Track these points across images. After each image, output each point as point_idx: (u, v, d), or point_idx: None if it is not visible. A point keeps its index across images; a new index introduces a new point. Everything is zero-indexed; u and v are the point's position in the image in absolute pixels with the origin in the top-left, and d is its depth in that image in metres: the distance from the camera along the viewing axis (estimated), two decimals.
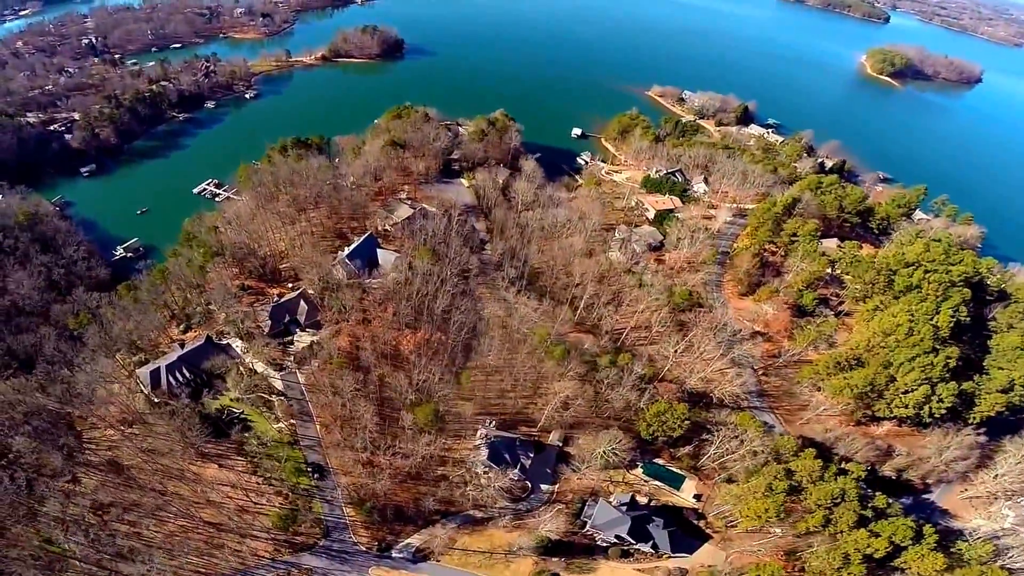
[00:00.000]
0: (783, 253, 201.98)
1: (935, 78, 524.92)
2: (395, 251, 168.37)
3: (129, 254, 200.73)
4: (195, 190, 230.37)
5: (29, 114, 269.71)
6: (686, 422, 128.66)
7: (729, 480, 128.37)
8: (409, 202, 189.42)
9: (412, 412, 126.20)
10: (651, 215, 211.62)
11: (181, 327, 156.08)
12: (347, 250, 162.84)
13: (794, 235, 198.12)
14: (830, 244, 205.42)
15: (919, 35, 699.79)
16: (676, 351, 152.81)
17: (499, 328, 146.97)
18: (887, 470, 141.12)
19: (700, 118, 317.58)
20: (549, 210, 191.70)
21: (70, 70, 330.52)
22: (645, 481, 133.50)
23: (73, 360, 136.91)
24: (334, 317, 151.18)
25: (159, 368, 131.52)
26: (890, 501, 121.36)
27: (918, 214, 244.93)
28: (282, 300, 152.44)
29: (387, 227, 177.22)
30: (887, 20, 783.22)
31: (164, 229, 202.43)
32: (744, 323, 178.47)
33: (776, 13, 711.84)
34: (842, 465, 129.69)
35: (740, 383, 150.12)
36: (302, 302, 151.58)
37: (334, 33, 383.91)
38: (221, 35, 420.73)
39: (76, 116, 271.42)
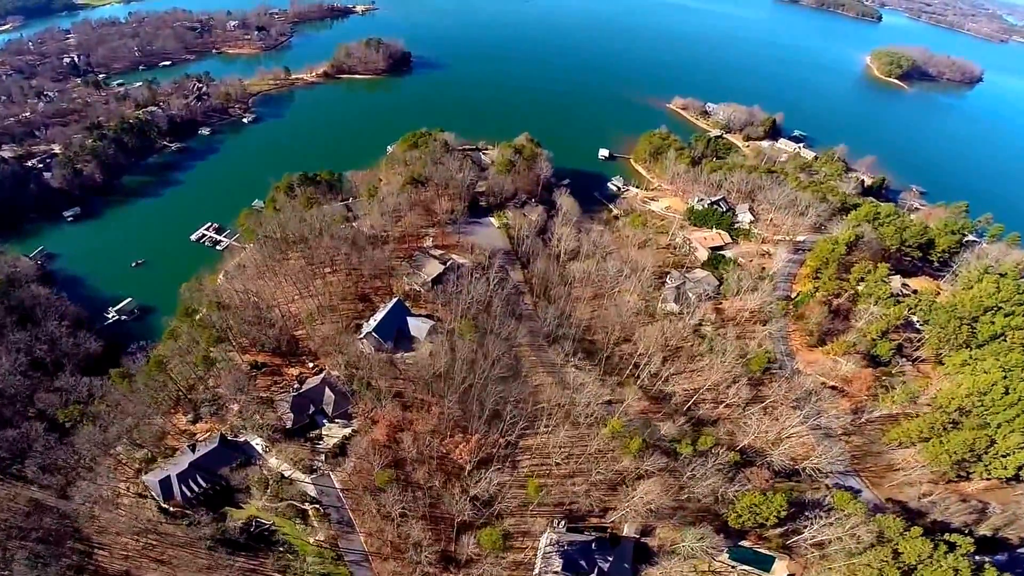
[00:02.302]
0: (851, 296, 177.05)
1: (939, 78, 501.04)
2: (427, 317, 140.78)
3: (123, 316, 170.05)
4: (193, 236, 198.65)
5: (2, 149, 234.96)
6: (783, 511, 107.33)
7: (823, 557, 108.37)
8: (438, 253, 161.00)
9: (476, 535, 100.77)
10: (701, 254, 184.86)
11: (189, 416, 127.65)
12: (373, 322, 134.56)
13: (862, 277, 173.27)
14: (892, 280, 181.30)
15: (911, 33, 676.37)
16: (759, 427, 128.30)
17: (563, 418, 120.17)
18: (983, 530, 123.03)
19: (727, 132, 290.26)
20: (595, 259, 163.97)
21: (49, 94, 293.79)
22: (732, 567, 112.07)
23: (67, 466, 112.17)
24: (366, 406, 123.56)
25: (169, 477, 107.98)
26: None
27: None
28: (303, 389, 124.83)
29: (416, 286, 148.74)
30: (879, 19, 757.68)
31: (161, 284, 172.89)
32: (818, 378, 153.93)
33: (772, 14, 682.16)
34: (946, 536, 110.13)
35: (829, 456, 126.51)
36: (327, 390, 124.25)
37: (335, 47, 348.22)
38: (214, 50, 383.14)
39: (56, 149, 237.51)
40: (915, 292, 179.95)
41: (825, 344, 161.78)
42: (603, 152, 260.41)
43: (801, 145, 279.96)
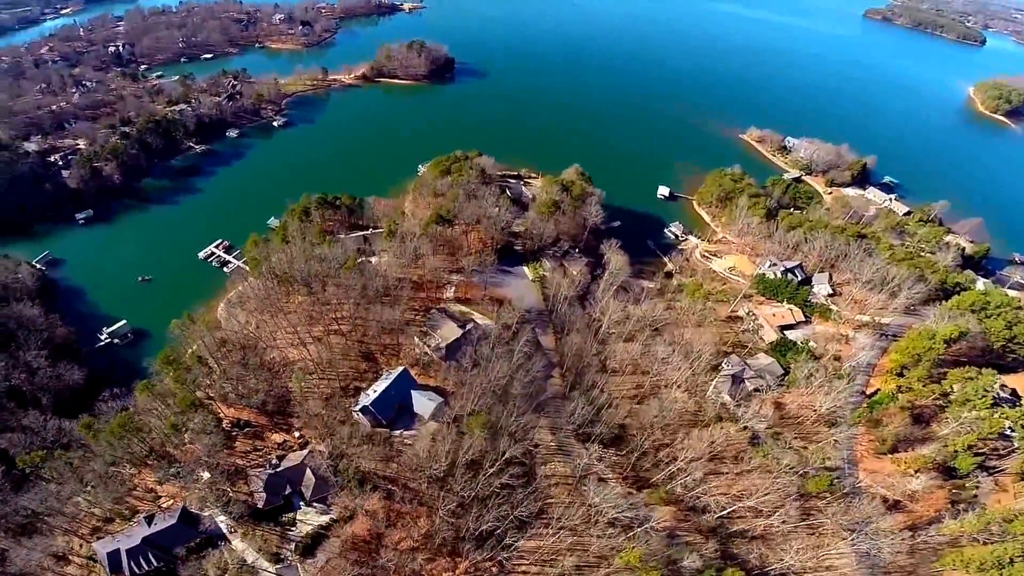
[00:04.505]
0: (939, 396, 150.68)
1: None
2: (436, 391, 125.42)
3: (116, 340, 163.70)
4: (201, 254, 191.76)
5: (30, 141, 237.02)
6: None
7: None
8: (458, 310, 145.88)
9: None
10: (768, 334, 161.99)
11: (159, 475, 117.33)
12: (372, 393, 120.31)
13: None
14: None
15: (1021, 60, 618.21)
16: (799, 551, 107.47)
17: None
18: None
19: (807, 173, 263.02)
20: (643, 337, 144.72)
21: (88, 83, 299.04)
22: None
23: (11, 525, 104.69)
24: (349, 497, 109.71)
25: (119, 551, 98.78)
26: None
27: None
28: (282, 468, 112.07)
29: (428, 349, 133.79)
30: (983, 43, 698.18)
31: (161, 305, 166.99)
32: (879, 492, 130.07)
33: (863, 33, 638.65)
34: None
35: None
36: (308, 471, 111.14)
37: (377, 48, 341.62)
38: (257, 44, 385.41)
39: (81, 144, 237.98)
40: (1017, 397, 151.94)
41: (897, 452, 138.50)
42: (663, 190, 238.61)
43: (893, 197, 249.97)
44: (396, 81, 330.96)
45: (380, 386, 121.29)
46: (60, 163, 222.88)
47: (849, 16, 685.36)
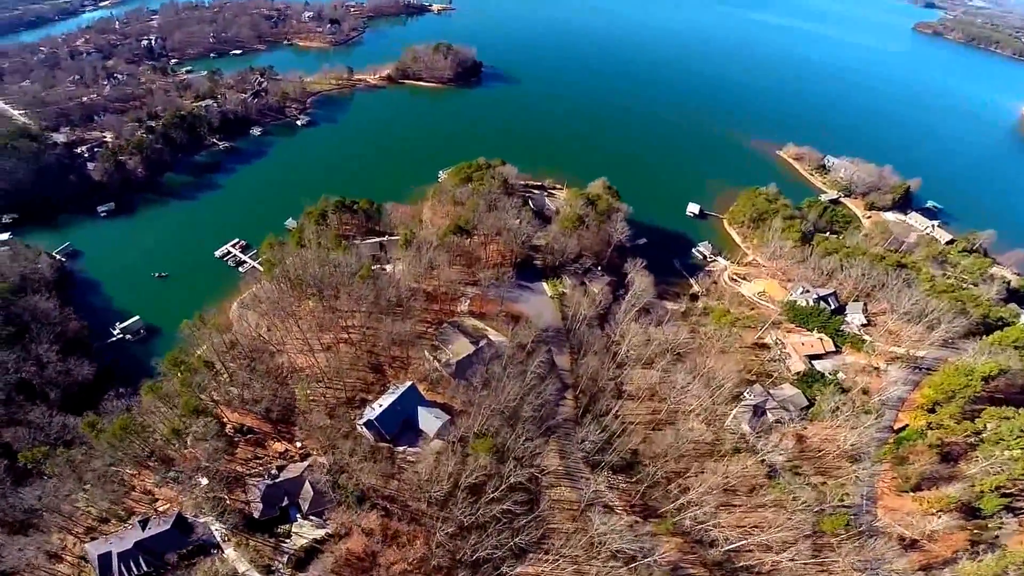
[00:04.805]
0: (969, 436, 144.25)
1: None
2: (443, 409, 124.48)
3: (128, 336, 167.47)
4: (218, 252, 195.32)
5: (59, 132, 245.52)
6: None
7: None
8: (471, 325, 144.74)
9: None
10: (795, 364, 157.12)
11: (157, 477, 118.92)
12: (377, 408, 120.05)
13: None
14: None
15: None
16: None
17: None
18: None
19: (846, 195, 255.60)
20: (663, 363, 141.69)
21: (119, 76, 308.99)
22: None
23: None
24: (347, 512, 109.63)
25: (110, 553, 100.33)
26: None
27: None
28: (280, 479, 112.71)
29: (438, 365, 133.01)
30: None
31: (175, 303, 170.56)
32: (896, 530, 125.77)
33: (913, 47, 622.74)
34: None
35: None
36: (307, 484, 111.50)
37: (404, 49, 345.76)
38: (285, 41, 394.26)
39: (108, 137, 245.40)
40: None
41: (920, 490, 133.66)
42: (692, 208, 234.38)
43: (936, 223, 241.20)
44: (421, 83, 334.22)
45: (386, 400, 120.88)
46: (86, 155, 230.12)
47: (898, 30, 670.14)
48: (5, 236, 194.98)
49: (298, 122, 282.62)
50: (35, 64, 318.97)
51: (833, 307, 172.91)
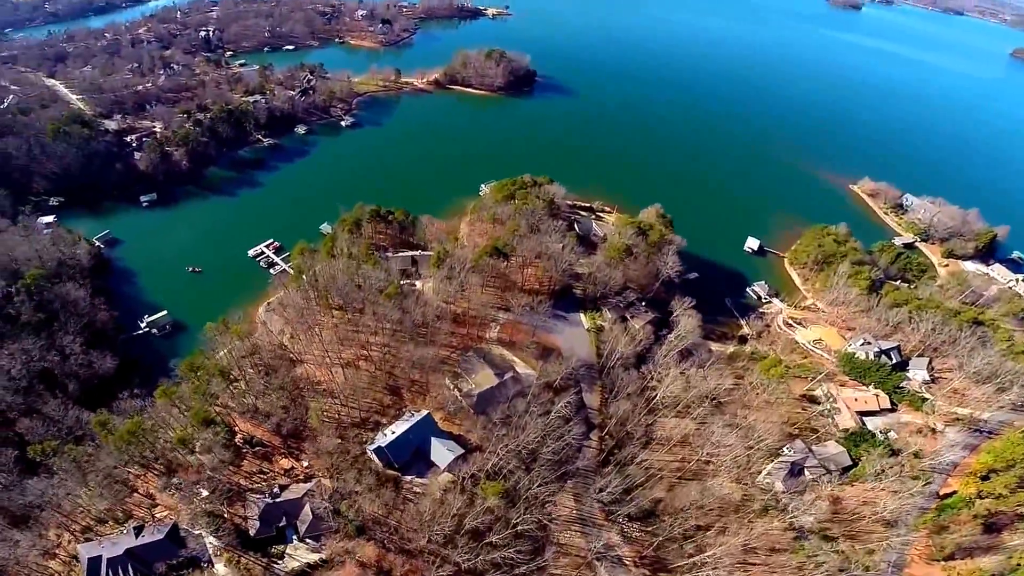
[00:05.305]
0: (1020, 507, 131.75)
1: None
2: (457, 442, 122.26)
3: (154, 330, 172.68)
4: (251, 252, 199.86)
5: (111, 119, 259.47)
6: None
7: None
8: (498, 353, 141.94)
9: None
10: (844, 419, 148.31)
11: (160, 482, 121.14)
12: (389, 434, 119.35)
13: None
14: None
15: None
16: None
17: None
18: None
19: (922, 239, 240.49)
20: (700, 413, 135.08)
21: (175, 66, 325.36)
22: None
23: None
24: (344, 539, 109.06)
25: (100, 558, 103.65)
26: None
27: None
28: (281, 499, 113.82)
29: (458, 394, 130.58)
30: None
31: (205, 299, 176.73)
32: None
33: (1009, 73, 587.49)
34: None
35: None
36: (307, 507, 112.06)
37: (454, 53, 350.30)
38: (337, 39, 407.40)
39: (157, 128, 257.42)
40: None
41: (953, 559, 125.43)
42: (751, 243, 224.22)
43: (1021, 277, 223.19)
44: (470, 90, 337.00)
45: (399, 428, 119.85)
46: (134, 144, 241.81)
47: (994, 56, 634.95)
48: (50, 219, 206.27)
49: (343, 123, 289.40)
50: (98, 50, 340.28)
51: (895, 361, 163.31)
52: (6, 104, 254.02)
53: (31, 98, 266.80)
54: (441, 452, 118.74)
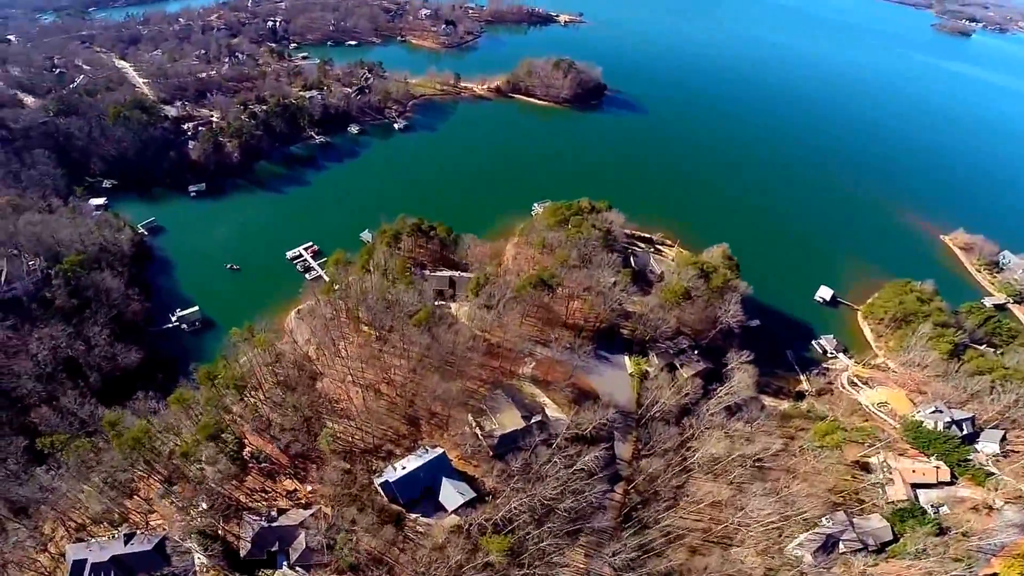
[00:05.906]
0: None
1: None
2: (470, 484, 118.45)
3: (183, 325, 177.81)
4: (289, 254, 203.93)
5: (172, 105, 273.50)
6: None
7: None
8: (530, 392, 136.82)
9: None
10: (897, 491, 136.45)
11: (161, 488, 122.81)
12: (400, 469, 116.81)
13: None
14: None
15: None
16: None
17: None
18: None
19: (1016, 301, 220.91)
20: (737, 476, 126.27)
21: (239, 55, 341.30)
22: None
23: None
24: (335, 571, 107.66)
25: (85, 561, 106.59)
26: None
27: None
28: (277, 523, 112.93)
29: (479, 433, 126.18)
30: None
31: (239, 299, 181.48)
32: None
33: None
34: None
35: None
36: (303, 536, 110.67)
37: (519, 61, 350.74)
38: (399, 37, 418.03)
39: (214, 117, 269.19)
40: None
41: None
42: (823, 292, 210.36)
43: None
44: (533, 100, 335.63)
45: (411, 464, 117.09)
46: (190, 132, 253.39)
47: None
48: (101, 201, 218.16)
49: (396, 125, 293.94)
50: (169, 35, 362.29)
51: (965, 432, 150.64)
52: (75, 84, 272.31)
53: (99, 79, 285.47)
54: (451, 494, 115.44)
